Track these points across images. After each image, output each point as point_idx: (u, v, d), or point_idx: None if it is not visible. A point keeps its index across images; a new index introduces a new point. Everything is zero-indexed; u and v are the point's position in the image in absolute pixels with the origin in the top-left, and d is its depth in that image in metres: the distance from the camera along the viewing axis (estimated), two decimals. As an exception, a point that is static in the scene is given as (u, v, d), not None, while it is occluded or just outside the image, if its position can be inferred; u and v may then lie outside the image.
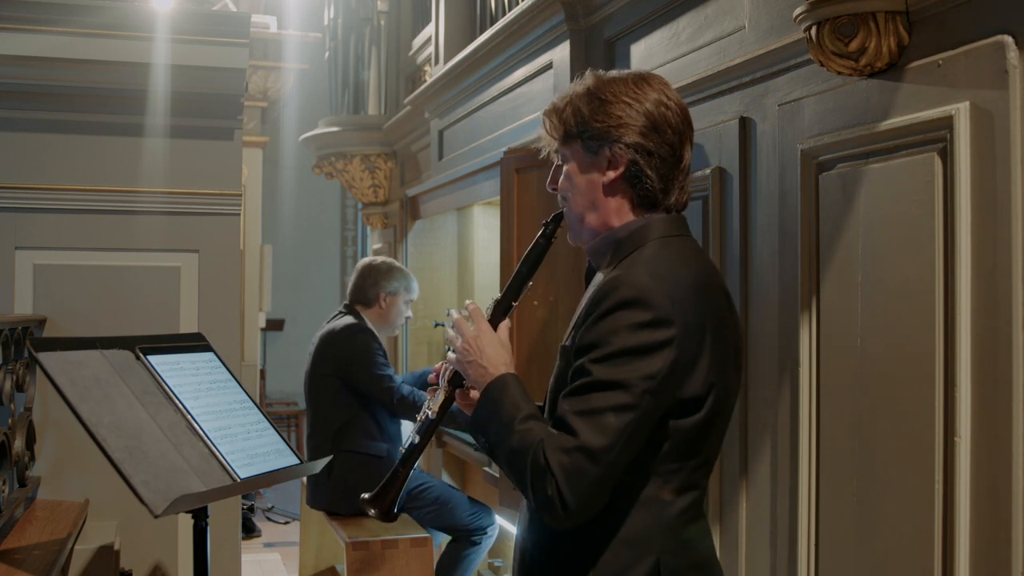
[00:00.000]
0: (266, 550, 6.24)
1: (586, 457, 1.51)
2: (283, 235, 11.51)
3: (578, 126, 1.70)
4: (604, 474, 1.52)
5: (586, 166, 1.71)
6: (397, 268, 4.32)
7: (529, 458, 1.54)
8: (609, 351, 1.54)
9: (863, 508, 2.09)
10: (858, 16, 1.98)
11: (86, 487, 3.02)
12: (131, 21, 3.15)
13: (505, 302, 1.81)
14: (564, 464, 1.50)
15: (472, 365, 1.71)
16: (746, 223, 2.52)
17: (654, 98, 1.69)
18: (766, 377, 2.43)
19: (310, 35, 6.37)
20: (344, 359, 4.10)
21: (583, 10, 3.30)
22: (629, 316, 1.54)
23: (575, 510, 1.51)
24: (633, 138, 1.67)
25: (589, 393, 1.54)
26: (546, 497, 1.51)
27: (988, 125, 1.80)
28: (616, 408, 1.52)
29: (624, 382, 1.52)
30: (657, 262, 1.63)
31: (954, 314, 1.86)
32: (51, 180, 3.16)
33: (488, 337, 1.73)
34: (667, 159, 1.69)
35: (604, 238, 1.72)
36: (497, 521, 4.15)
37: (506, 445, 1.59)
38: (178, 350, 2.44)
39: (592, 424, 1.51)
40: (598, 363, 1.54)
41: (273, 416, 8.83)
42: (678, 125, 1.70)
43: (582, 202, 1.73)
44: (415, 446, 1.84)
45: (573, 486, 1.50)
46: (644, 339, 1.53)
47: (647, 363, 1.53)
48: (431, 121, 5.05)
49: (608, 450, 1.51)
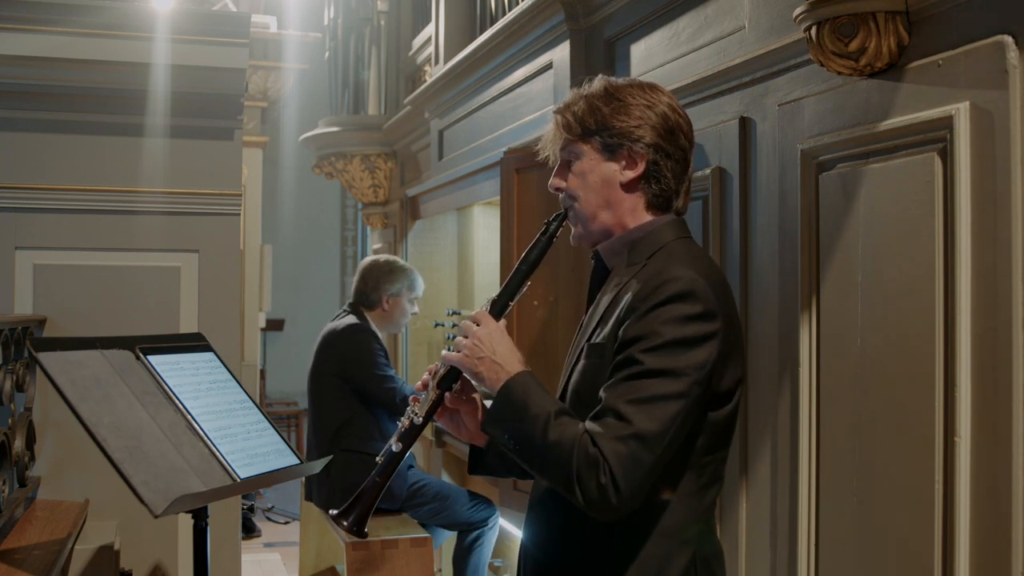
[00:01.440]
0: (266, 550, 6.24)
1: (641, 444, 1.51)
2: (283, 235, 11.51)
3: (597, 123, 1.72)
4: (656, 462, 1.53)
5: (602, 164, 1.73)
6: (399, 267, 4.31)
7: (575, 450, 1.53)
8: (660, 342, 1.55)
9: (863, 508, 2.09)
10: (858, 16, 1.98)
11: (86, 487, 3.02)
12: (131, 21, 3.15)
13: (503, 300, 1.79)
14: (620, 452, 1.50)
15: (484, 362, 1.69)
16: (746, 223, 2.52)
17: (667, 103, 1.75)
18: (766, 377, 2.43)
19: (310, 35, 6.38)
20: (345, 359, 4.10)
21: (583, 10, 3.30)
22: (680, 309, 1.57)
23: (627, 498, 1.51)
24: (653, 139, 1.71)
25: (640, 380, 1.54)
26: (597, 486, 1.50)
27: (988, 125, 1.80)
28: (668, 396, 1.53)
29: (675, 371, 1.54)
30: (693, 259, 1.67)
31: (954, 314, 1.86)
32: (51, 180, 3.16)
33: (499, 335, 1.71)
34: (680, 162, 1.74)
35: (619, 238, 1.74)
36: (498, 512, 4.16)
37: (542, 441, 1.57)
38: (178, 350, 2.44)
39: (645, 411, 1.52)
40: (648, 352, 1.55)
41: (273, 416, 8.83)
42: (688, 131, 1.77)
43: (595, 201, 1.74)
44: (396, 455, 1.78)
45: (629, 474, 1.50)
46: (694, 331, 1.56)
47: (696, 353, 1.56)
48: (431, 121, 5.05)
49: (661, 437, 1.52)
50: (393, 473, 1.78)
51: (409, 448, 1.79)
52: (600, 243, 1.77)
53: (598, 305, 1.74)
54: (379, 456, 1.79)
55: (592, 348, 1.68)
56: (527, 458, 1.63)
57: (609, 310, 1.67)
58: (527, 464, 1.64)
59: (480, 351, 1.69)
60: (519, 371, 1.67)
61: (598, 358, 1.65)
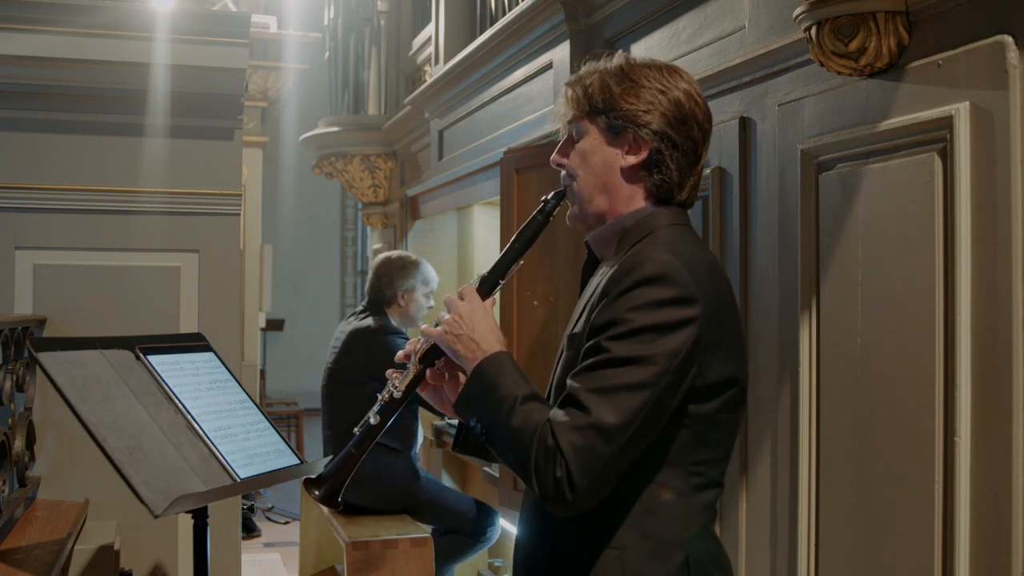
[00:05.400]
0: (266, 550, 6.24)
1: (599, 435, 1.42)
2: (283, 235, 11.52)
3: (605, 103, 1.63)
4: (616, 456, 1.44)
5: (605, 146, 1.64)
6: (412, 262, 4.31)
7: (535, 439, 1.45)
8: (629, 328, 1.46)
9: (863, 508, 2.09)
10: (858, 16, 1.98)
11: (86, 487, 3.02)
12: (131, 21, 3.15)
13: (493, 277, 1.72)
14: (576, 443, 1.42)
15: (461, 339, 1.61)
16: (746, 223, 2.52)
17: (685, 89, 1.64)
18: (766, 377, 2.43)
19: (310, 35, 6.38)
20: (375, 360, 4.08)
21: (583, 10, 3.31)
22: (652, 292, 1.47)
23: (583, 494, 1.42)
24: (660, 126, 1.61)
25: (604, 369, 1.46)
26: (554, 479, 1.42)
27: (988, 125, 1.80)
28: (632, 386, 1.44)
29: (642, 358, 1.45)
30: (677, 243, 1.57)
31: (954, 314, 1.86)
32: (51, 180, 3.16)
33: (481, 314, 1.63)
34: (688, 154, 1.64)
35: (610, 226, 1.66)
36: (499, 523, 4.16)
37: (505, 426, 1.50)
38: (178, 350, 2.44)
39: (606, 401, 1.43)
40: (616, 340, 1.46)
41: (273, 416, 8.83)
42: (703, 123, 1.65)
43: (593, 182, 1.65)
44: (373, 427, 1.69)
45: (584, 467, 1.41)
46: (667, 316, 1.47)
47: (668, 340, 1.46)
48: (431, 121, 5.05)
49: (623, 429, 1.43)
50: (370, 446, 1.71)
51: (388, 422, 1.72)
52: (593, 227, 1.69)
53: (583, 295, 1.67)
54: (356, 427, 1.73)
55: (571, 339, 1.61)
56: (492, 443, 1.55)
57: (590, 299, 1.60)
58: (493, 449, 1.57)
59: (460, 328, 1.62)
60: (495, 351, 1.58)
61: (576, 349, 1.58)
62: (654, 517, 1.54)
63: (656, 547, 1.54)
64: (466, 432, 1.81)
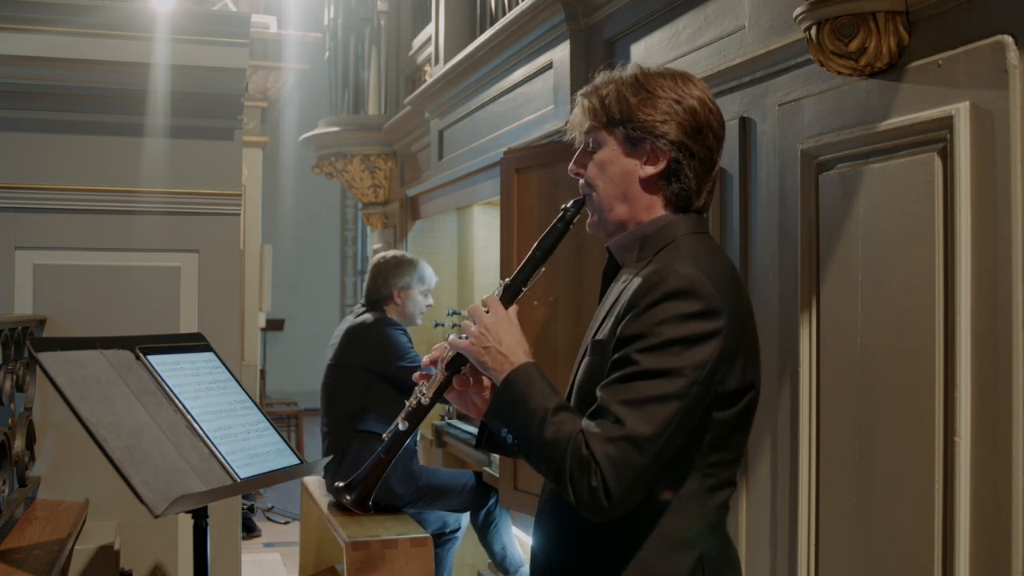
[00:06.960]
0: (266, 550, 6.24)
1: (633, 446, 1.48)
2: (283, 235, 11.53)
3: (622, 114, 1.66)
4: (649, 465, 1.50)
5: (624, 157, 1.67)
6: (407, 261, 4.31)
7: (568, 449, 1.50)
8: (658, 341, 1.51)
9: (863, 508, 2.09)
10: (858, 16, 1.98)
11: (86, 487, 3.02)
12: (131, 21, 3.15)
13: (515, 286, 1.75)
14: (611, 454, 1.47)
15: (489, 351, 1.65)
16: (746, 223, 2.52)
17: (699, 97, 1.67)
18: (766, 377, 2.42)
19: (310, 35, 6.38)
20: (377, 354, 4.09)
21: (583, 10, 3.31)
22: (678, 306, 1.52)
23: (618, 502, 1.48)
24: (678, 136, 1.64)
25: (635, 381, 1.51)
26: (589, 489, 1.48)
27: (988, 125, 1.80)
28: (663, 397, 1.49)
29: (672, 371, 1.50)
30: (698, 255, 1.61)
31: (954, 314, 1.86)
32: (51, 180, 3.16)
33: (506, 324, 1.67)
34: (704, 161, 1.67)
35: (632, 234, 1.69)
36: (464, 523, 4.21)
37: (538, 438, 1.55)
38: (178, 350, 2.44)
39: (639, 413, 1.49)
40: (645, 352, 1.51)
41: (273, 416, 8.83)
42: (718, 129, 1.69)
43: (613, 192, 1.69)
44: (402, 433, 1.75)
45: (620, 477, 1.47)
46: (693, 329, 1.51)
47: (695, 353, 1.51)
48: (431, 121, 5.05)
49: (655, 440, 1.49)
50: (399, 451, 1.77)
51: (416, 427, 1.78)
52: (614, 234, 1.73)
53: (605, 301, 1.71)
54: (385, 434, 1.78)
55: (595, 344, 1.65)
56: (525, 453, 1.62)
57: (613, 306, 1.64)
58: (526, 459, 1.63)
59: (486, 340, 1.66)
60: (523, 363, 1.63)
61: (600, 355, 1.62)
62: (671, 517, 1.59)
63: (672, 546, 1.59)
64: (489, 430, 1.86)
